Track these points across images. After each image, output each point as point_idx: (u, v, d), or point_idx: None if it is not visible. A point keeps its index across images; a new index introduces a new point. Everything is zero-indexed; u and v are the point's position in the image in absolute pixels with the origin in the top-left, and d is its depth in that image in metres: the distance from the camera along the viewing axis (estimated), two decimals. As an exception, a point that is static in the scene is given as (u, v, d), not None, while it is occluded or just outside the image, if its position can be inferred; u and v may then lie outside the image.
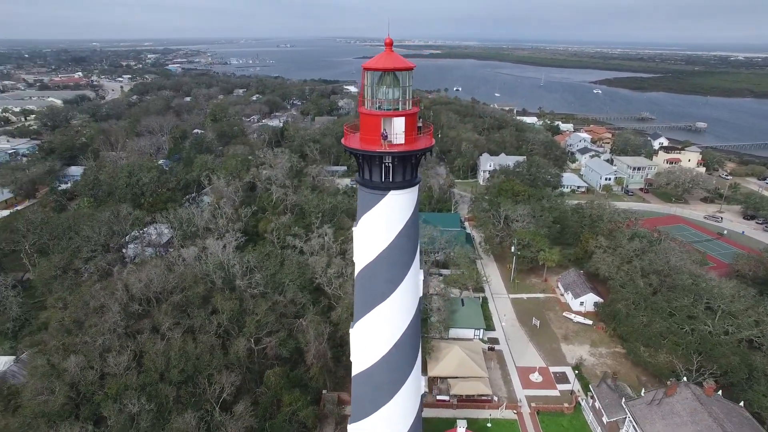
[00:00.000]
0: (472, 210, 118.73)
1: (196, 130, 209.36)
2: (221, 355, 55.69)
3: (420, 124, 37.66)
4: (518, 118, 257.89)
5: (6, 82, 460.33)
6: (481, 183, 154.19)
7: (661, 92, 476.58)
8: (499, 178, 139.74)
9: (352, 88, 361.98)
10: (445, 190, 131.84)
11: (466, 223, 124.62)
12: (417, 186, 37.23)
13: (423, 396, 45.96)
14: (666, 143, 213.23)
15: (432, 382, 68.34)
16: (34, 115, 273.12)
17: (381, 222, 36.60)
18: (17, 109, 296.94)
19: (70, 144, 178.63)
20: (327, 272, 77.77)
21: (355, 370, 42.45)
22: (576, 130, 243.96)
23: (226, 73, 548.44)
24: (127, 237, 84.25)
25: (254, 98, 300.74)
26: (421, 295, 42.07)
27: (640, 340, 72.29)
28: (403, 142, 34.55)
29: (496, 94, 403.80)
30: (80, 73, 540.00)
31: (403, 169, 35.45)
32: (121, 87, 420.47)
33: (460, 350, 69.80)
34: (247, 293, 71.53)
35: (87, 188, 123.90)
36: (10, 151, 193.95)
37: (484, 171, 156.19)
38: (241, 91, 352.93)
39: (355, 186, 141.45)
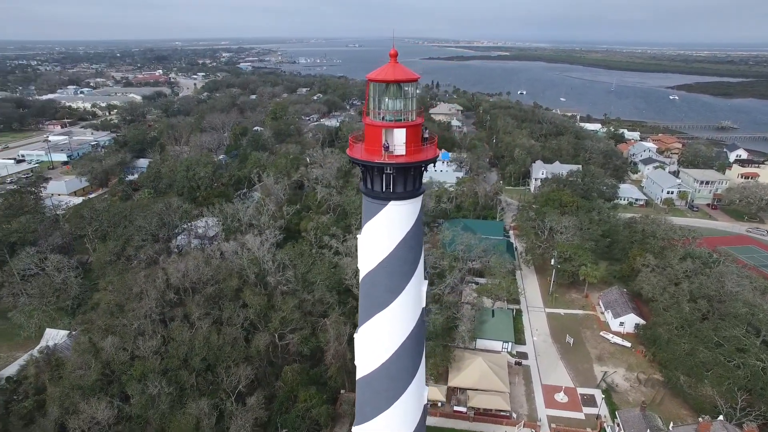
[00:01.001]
0: (517, 219, 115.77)
1: (256, 128, 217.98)
2: (242, 348, 58.17)
3: (426, 135, 37.61)
4: (580, 124, 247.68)
5: (98, 80, 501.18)
6: (532, 191, 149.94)
7: (750, 98, 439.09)
8: (549, 186, 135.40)
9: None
10: (491, 197, 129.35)
11: (511, 232, 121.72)
12: (420, 197, 37.05)
13: (426, 406, 45.80)
14: (744, 156, 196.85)
15: (451, 392, 67.69)
16: (116, 110, 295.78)
17: (382, 231, 36.87)
18: (104, 104, 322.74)
19: (141, 138, 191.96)
20: (357, 274, 78.84)
21: (358, 374, 43.07)
22: (642, 138, 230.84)
23: (293, 71, 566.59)
24: (176, 229, 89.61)
25: (315, 97, 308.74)
26: (424, 305, 41.88)
27: (681, 368, 67.77)
28: (403, 153, 34.62)
29: (562, 99, 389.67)
30: (160, 71, 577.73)
31: (404, 180, 35.45)
32: (195, 84, 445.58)
33: (483, 362, 68.59)
34: (278, 290, 74.09)
35: (149, 180, 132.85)
36: (93, 143, 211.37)
37: (536, 179, 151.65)
38: (304, 90, 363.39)
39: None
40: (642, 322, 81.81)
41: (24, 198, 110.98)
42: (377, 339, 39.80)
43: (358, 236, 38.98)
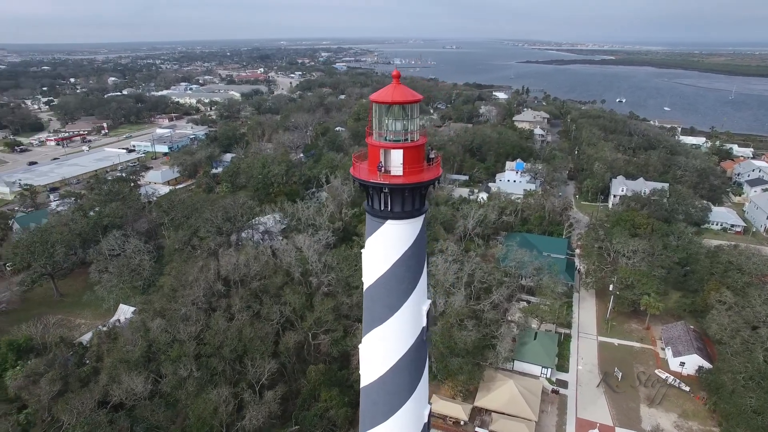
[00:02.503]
0: (583, 237, 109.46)
1: (338, 128, 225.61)
2: (271, 343, 61.47)
3: (432, 155, 37.75)
4: (680, 137, 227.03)
5: (207, 77, 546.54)
6: (610, 208, 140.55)
7: None
8: (625, 205, 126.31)
9: (501, 95, 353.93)
10: (559, 212, 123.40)
11: (577, 251, 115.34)
12: (420, 218, 37.12)
13: (426, 425, 45.63)
14: None
15: (476, 411, 66.21)
16: (216, 106, 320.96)
17: (380, 249, 37.55)
18: (207, 101, 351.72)
19: (230, 133, 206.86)
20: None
21: (361, 383, 44.13)
22: (756, 156, 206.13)
23: (386, 72, 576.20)
24: (238, 224, 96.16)
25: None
26: (424, 325, 41.80)
27: (743, 425, 60.70)
28: (400, 174, 35.01)
29: (666, 109, 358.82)
30: (262, 69, 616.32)
31: (402, 200, 35.71)
32: (290, 83, 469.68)
33: (513, 386, 66.30)
34: (320, 291, 76.99)
35: (227, 175, 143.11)
36: (191, 136, 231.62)
37: (615, 195, 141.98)
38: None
39: (468, 196, 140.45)
40: (707, 365, 74.05)
41: (121, 185, 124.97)
42: (375, 352, 40.56)
43: (362, 250, 39.98)
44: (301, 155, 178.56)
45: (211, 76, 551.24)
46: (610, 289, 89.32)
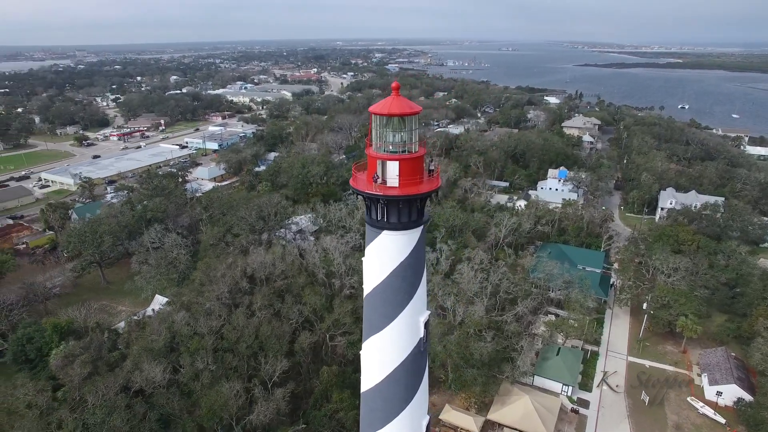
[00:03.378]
0: (621, 251, 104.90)
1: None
2: (286, 342, 63.08)
3: (432, 167, 37.82)
4: (746, 147, 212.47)
5: (262, 76, 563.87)
6: (657, 221, 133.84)
7: None
8: (672, 219, 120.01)
9: (553, 99, 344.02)
10: (598, 224, 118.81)
11: (615, 265, 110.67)
12: (418, 229, 37.16)
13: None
14: None
15: (488, 425, 65.08)
16: (266, 106, 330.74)
17: (376, 258, 38.00)
18: (259, 100, 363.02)
19: (277, 133, 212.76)
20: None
21: (361, 388, 44.79)
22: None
23: (437, 74, 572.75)
24: (270, 222, 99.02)
25: (449, 102, 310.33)
26: (422, 336, 41.75)
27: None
28: (396, 185, 35.25)
29: (734, 116, 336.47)
30: (315, 70, 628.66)
31: (398, 211, 35.93)
32: (342, 83, 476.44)
33: (529, 402, 64.73)
34: (342, 293, 78.12)
35: (268, 174, 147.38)
36: (241, 135, 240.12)
37: (663, 208, 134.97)
38: (440, 94, 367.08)
39: (506, 204, 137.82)
40: (747, 397, 69.20)
41: (168, 181, 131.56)
42: (373, 359, 41.04)
43: (363, 258, 40.50)
44: (343, 156, 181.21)
45: (266, 76, 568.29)
46: (644, 307, 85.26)
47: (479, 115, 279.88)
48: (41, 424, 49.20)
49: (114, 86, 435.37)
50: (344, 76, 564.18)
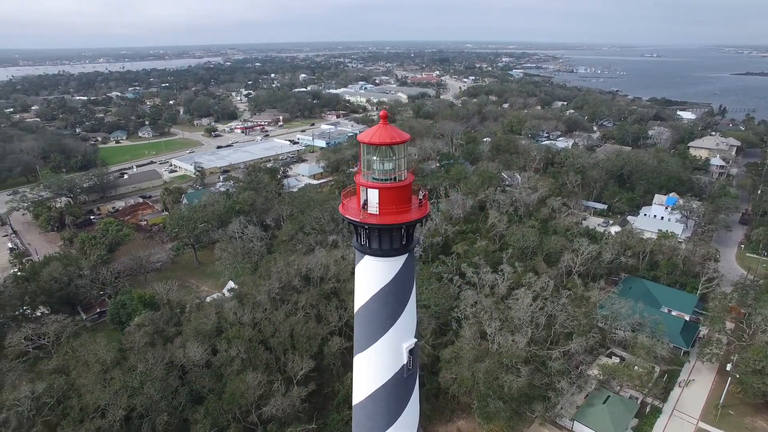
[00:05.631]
0: (715, 298, 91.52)
1: (486, 139, 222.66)
2: (317, 345, 66.29)
3: (421, 197, 38.25)
4: None
5: (384, 77, 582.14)
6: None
7: None
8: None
9: (687, 114, 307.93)
10: (699, 261, 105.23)
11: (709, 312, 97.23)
12: (400, 258, 37.66)
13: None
14: None
15: (508, 463, 62.09)
16: (380, 107, 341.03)
17: (360, 281, 39.43)
18: (375, 101, 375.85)
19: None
20: (467, 309, 77.77)
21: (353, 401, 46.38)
22: None
23: (564, 81, 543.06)
24: (340, 224, 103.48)
25: (567, 113, 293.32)
26: (405, 363, 42.02)
27: None
28: (376, 213, 36.20)
29: None
30: (437, 72, 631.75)
31: (379, 239, 36.84)
32: (460, 87, 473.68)
33: (556, 448, 60.56)
34: (388, 301, 79.43)
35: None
36: (349, 134, 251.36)
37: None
38: (559, 103, 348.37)
39: (597, 227, 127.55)
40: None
41: (269, 175, 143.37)
42: (358, 376, 42.42)
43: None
44: (435, 164, 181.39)
45: (387, 77, 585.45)
46: (727, 368, 74.32)
47: (595, 128, 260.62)
48: (98, 377, 58.10)
49: (250, 82, 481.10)
50: (465, 80, 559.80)
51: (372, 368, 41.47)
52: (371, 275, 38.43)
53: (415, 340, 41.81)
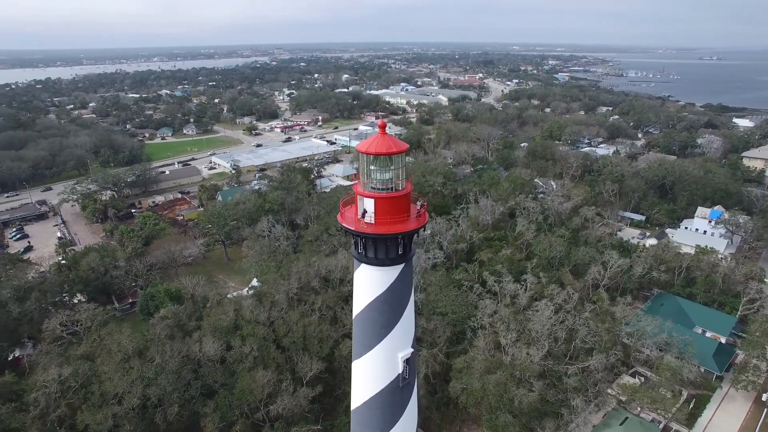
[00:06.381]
0: (759, 320, 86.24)
1: (523, 144, 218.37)
2: (328, 347, 66.98)
3: (419, 207, 38.35)
4: None
5: (426, 79, 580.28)
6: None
7: None
8: None
9: (744, 122, 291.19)
10: (740, 281, 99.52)
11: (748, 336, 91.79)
12: (396, 267, 37.78)
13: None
14: None
15: (515, 479, 60.76)
16: (418, 109, 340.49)
17: (357, 288, 39.85)
18: (415, 102, 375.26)
19: (415, 138, 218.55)
20: (484, 319, 76.61)
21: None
22: None
23: (611, 86, 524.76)
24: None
25: (611, 119, 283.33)
26: (400, 372, 41.94)
27: None
28: (372, 222, 36.50)
29: None
30: (480, 75, 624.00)
31: (374, 248, 37.10)
32: (502, 90, 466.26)
33: (565, 467, 58.82)
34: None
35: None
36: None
37: None
38: (604, 109, 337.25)
39: (631, 239, 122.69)
40: None
41: (302, 175, 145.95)
42: (355, 382, 42.81)
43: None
44: (468, 169, 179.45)
45: (429, 79, 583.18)
46: (763, 399, 70.01)
47: (639, 135, 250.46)
48: (119, 366, 60.92)
49: (293, 82, 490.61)
50: (508, 83, 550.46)
51: (367, 375, 41.77)
52: (367, 283, 38.73)
53: (412, 349, 41.72)
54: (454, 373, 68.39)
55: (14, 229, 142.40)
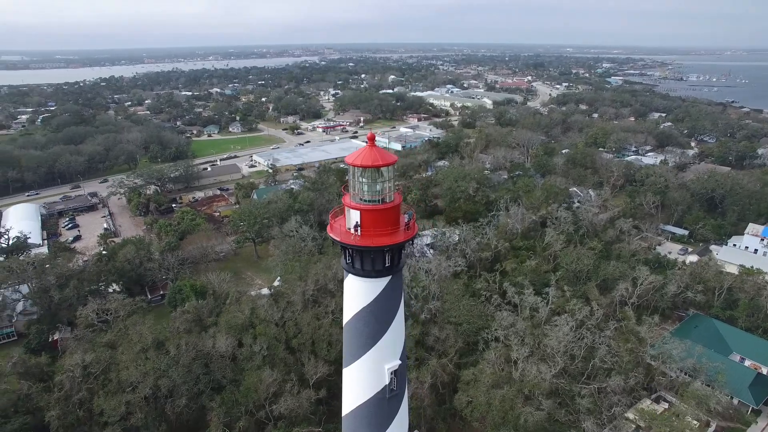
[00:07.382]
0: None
1: (565, 151, 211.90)
2: (336, 351, 67.52)
3: (408, 220, 38.41)
4: None
5: (473, 81, 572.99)
6: None
7: None
8: None
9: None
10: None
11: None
12: (383, 279, 37.89)
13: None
14: None
15: (516, 499, 59.26)
16: (463, 112, 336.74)
17: (345, 298, 40.37)
18: (459, 105, 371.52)
19: (453, 142, 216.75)
20: (499, 331, 75.07)
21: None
22: None
23: (668, 90, 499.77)
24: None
25: (662, 126, 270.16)
26: (387, 383, 41.96)
27: None
28: (358, 234, 36.83)
29: None
30: (529, 78, 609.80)
31: (361, 259, 37.36)
32: (550, 94, 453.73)
33: (570, 491, 56.84)
34: (421, 316, 79.09)
35: (420, 182, 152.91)
36: (426, 138, 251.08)
37: None
38: (656, 115, 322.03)
39: (669, 254, 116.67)
40: None
41: (327, 176, 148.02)
42: (344, 390, 43.30)
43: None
44: (503, 175, 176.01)
45: (476, 81, 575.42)
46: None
47: (693, 144, 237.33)
48: (137, 356, 63.93)
49: (340, 82, 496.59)
50: (557, 86, 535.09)
51: (354, 385, 42.13)
52: (354, 294, 39.10)
53: (400, 362, 41.68)
54: (461, 385, 67.50)
55: (67, 219, 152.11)
